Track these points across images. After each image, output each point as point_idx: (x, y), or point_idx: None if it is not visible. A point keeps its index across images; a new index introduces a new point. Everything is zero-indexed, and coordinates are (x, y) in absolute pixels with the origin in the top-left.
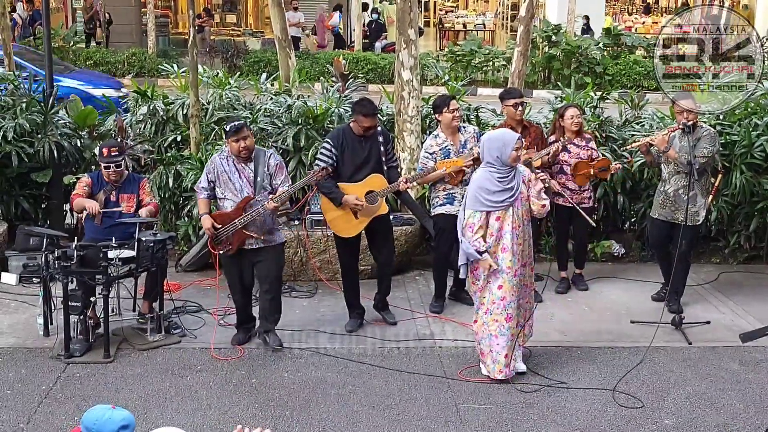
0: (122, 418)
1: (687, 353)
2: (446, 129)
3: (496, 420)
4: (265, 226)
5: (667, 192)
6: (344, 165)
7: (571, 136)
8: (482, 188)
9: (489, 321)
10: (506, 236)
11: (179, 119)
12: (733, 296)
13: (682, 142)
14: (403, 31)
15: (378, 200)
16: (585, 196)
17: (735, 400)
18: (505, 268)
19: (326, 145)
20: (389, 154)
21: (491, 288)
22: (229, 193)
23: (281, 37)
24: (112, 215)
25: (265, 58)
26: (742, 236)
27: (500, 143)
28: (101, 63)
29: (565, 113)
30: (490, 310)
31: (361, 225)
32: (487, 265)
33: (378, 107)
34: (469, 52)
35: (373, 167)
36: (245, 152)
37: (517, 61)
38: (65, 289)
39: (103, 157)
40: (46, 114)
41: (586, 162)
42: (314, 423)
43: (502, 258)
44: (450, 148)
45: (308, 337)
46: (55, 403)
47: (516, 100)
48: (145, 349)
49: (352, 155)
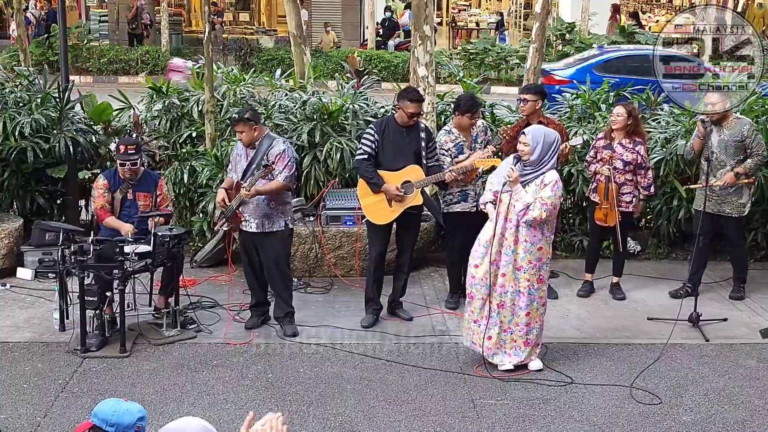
0: (138, 409)
1: (704, 350)
2: (459, 127)
3: (513, 416)
4: (258, 210)
5: (712, 186)
6: (384, 152)
7: (619, 136)
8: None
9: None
10: (498, 224)
11: (194, 115)
12: (751, 293)
13: (721, 135)
14: (419, 27)
15: (413, 190)
16: (624, 200)
17: (753, 396)
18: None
19: (369, 131)
20: (431, 151)
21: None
22: (234, 175)
23: (296, 33)
24: (129, 213)
25: (278, 56)
26: (759, 234)
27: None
28: (115, 61)
29: (614, 110)
30: (472, 294)
31: (394, 213)
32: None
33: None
34: (482, 51)
35: (413, 159)
36: (241, 141)
37: (532, 57)
38: (81, 283)
39: (120, 154)
40: (61, 110)
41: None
42: (330, 418)
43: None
44: (463, 144)
45: (324, 332)
46: (71, 397)
47: (521, 96)
48: (160, 344)
49: (393, 144)
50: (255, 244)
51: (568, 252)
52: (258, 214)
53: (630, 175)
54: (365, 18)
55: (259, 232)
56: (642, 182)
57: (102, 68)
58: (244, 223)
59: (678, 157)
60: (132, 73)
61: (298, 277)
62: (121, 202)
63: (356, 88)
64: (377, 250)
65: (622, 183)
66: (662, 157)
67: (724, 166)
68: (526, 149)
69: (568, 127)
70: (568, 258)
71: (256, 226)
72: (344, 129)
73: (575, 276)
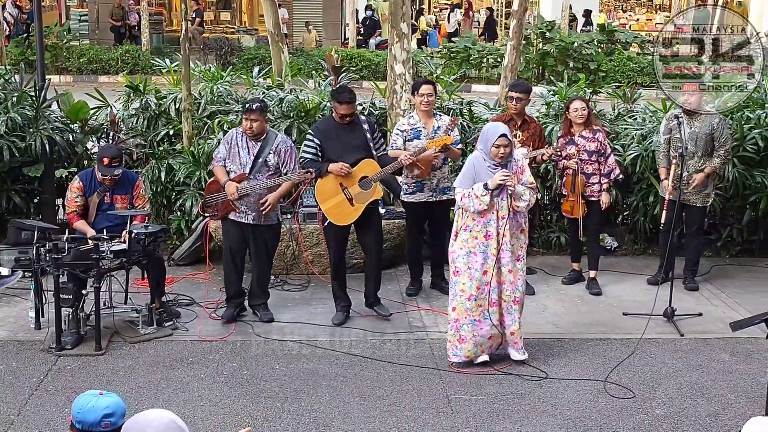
0: (106, 405)
1: (679, 344)
2: (420, 112)
3: (488, 410)
4: (257, 204)
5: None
6: (330, 153)
7: (579, 129)
8: (471, 169)
9: (473, 307)
10: (491, 224)
11: (171, 113)
12: (726, 289)
13: (691, 128)
14: (396, 25)
15: (372, 185)
16: (594, 189)
17: (726, 390)
18: (489, 254)
19: (308, 137)
20: (377, 141)
21: (474, 274)
22: (234, 166)
23: (274, 31)
24: (106, 215)
25: (259, 54)
26: (734, 229)
27: (485, 135)
28: (94, 60)
29: (570, 106)
30: (474, 296)
31: (357, 212)
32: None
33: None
34: (463, 50)
35: (362, 154)
36: (250, 131)
37: (509, 55)
38: (56, 281)
39: (102, 166)
40: (37, 108)
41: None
42: (305, 414)
43: (487, 244)
44: (421, 130)
45: (300, 329)
46: (46, 395)
47: (512, 93)
48: (136, 342)
49: (337, 142)
50: (246, 236)
51: (545, 248)
52: (257, 207)
53: (597, 165)
54: (346, 17)
55: (256, 224)
56: (603, 170)
57: (82, 68)
58: (240, 214)
59: (654, 153)
60: (112, 73)
61: (275, 274)
62: (98, 206)
63: (333, 86)
64: (337, 254)
65: (591, 173)
66: (638, 153)
67: (693, 157)
68: (508, 149)
69: (545, 124)
70: (546, 254)
71: (254, 218)
72: None
73: (552, 272)
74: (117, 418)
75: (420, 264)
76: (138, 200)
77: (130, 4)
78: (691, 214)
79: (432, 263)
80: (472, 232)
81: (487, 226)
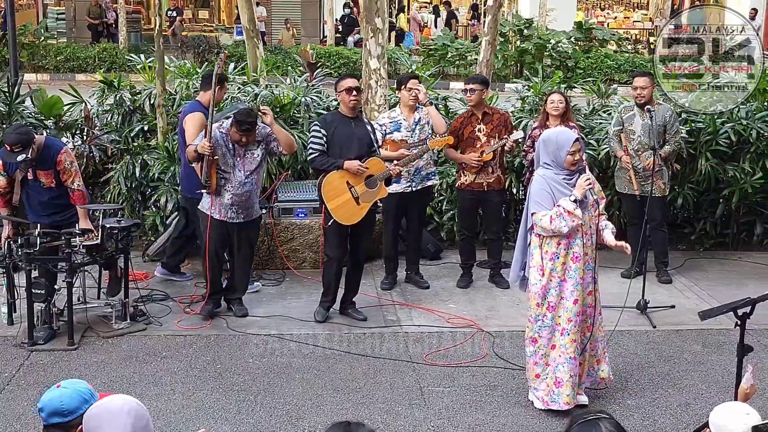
0: (49, 399)
1: (651, 336)
2: (404, 106)
3: (461, 402)
4: (250, 201)
5: (636, 167)
6: (335, 145)
7: (554, 122)
8: (547, 188)
9: (567, 343)
10: (576, 243)
11: (146, 109)
12: (699, 281)
13: (644, 119)
14: (370, 20)
15: (378, 184)
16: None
17: (697, 380)
18: (577, 279)
19: (315, 128)
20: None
21: (565, 304)
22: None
23: (249, 27)
24: (35, 190)
25: (237, 52)
26: (707, 223)
27: (553, 145)
28: (72, 59)
29: (548, 98)
30: (566, 330)
31: (363, 211)
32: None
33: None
34: (441, 47)
35: (365, 149)
36: (240, 144)
37: (485, 50)
38: (28, 276)
39: (6, 152)
40: (10, 104)
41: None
42: (278, 407)
43: (575, 268)
44: (402, 123)
45: (275, 324)
46: (17, 389)
47: (467, 86)
48: (109, 337)
49: (342, 135)
50: (231, 233)
51: None
52: (247, 205)
53: None
54: (324, 14)
55: (245, 221)
56: None
57: (59, 66)
58: (233, 215)
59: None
60: (89, 71)
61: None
62: (23, 182)
63: (309, 81)
64: (338, 256)
65: None
66: None
67: (646, 149)
68: (581, 153)
69: (519, 119)
70: None
71: (244, 217)
72: (297, 122)
73: None
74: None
75: (395, 258)
76: (64, 175)
77: (108, 2)
78: (651, 207)
79: (407, 257)
80: (560, 259)
81: (573, 246)
